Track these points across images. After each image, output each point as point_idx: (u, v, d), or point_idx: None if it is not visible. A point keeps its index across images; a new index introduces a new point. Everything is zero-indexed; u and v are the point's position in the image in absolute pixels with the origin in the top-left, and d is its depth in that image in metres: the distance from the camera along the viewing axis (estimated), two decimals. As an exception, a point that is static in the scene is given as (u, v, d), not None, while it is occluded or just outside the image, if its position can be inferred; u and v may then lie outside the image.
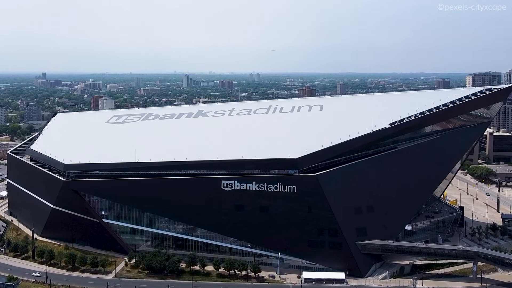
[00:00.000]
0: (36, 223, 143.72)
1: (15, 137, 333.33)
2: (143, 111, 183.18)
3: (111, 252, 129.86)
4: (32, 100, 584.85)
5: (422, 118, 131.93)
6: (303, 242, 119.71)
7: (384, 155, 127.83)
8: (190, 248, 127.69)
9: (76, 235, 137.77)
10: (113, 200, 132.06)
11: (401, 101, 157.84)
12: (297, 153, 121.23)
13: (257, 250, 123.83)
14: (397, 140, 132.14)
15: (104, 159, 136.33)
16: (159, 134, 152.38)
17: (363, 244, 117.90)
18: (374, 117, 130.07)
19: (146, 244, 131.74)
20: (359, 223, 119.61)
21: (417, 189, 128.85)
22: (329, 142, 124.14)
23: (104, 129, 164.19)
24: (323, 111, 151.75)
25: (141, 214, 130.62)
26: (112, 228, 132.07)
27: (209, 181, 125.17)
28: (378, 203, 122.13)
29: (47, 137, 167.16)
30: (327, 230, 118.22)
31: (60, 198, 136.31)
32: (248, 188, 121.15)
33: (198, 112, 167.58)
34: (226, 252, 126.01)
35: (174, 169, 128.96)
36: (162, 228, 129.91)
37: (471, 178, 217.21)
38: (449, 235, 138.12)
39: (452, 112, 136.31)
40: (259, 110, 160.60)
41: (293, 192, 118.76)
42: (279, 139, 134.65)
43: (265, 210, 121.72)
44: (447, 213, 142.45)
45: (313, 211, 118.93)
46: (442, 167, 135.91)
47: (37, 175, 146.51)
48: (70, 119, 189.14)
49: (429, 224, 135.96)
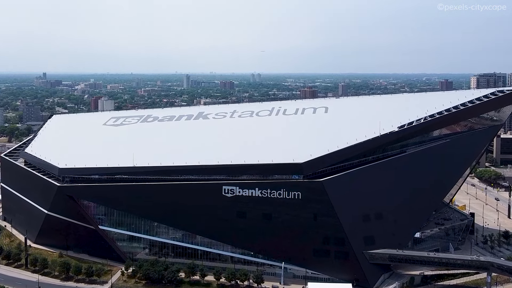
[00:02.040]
0: (30, 229, 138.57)
1: (13, 138, 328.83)
2: (141, 113, 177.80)
3: (107, 260, 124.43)
4: (32, 100, 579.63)
5: (432, 121, 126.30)
6: (308, 251, 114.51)
7: (393, 159, 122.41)
8: (189, 256, 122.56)
9: (71, 242, 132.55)
10: (110, 206, 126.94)
11: (408, 103, 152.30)
12: (302, 158, 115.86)
13: (259, 259, 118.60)
14: (405, 144, 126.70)
15: (100, 163, 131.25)
16: (158, 137, 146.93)
17: (371, 254, 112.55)
18: (382, 120, 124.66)
19: (144, 252, 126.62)
20: (367, 231, 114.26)
21: (428, 195, 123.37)
22: (335, 146, 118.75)
23: (101, 132, 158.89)
24: (328, 114, 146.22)
25: (139, 220, 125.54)
26: (109, 235, 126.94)
27: (209, 186, 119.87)
28: (387, 210, 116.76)
29: (42, 139, 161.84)
30: (333, 239, 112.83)
31: (54, 203, 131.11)
32: (250, 194, 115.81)
33: (199, 114, 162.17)
34: (227, 261, 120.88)
35: (173, 174, 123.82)
36: (160, 236, 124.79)
37: (478, 182, 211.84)
38: (459, 243, 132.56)
39: (464, 114, 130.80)
40: (262, 112, 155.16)
41: (298, 198, 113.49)
42: (282, 142, 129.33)
43: (268, 218, 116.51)
44: (457, 220, 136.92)
45: (319, 218, 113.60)
46: (453, 171, 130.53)
47: (31, 180, 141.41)
48: (67, 121, 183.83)
49: (439, 231, 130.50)
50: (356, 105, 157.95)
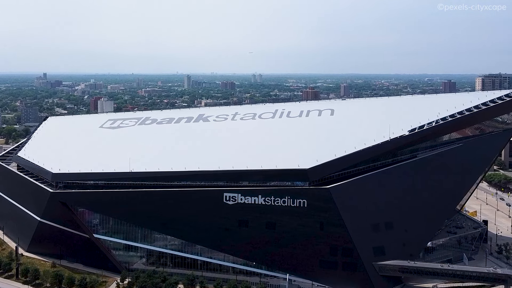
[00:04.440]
0: (22, 237, 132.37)
1: (10, 139, 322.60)
2: (139, 115, 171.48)
3: (102, 271, 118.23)
4: (31, 101, 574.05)
5: (445, 124, 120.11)
6: (314, 262, 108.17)
7: (404, 165, 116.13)
8: (189, 266, 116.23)
9: (65, 251, 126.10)
10: (105, 214, 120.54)
11: (417, 105, 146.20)
12: (308, 163, 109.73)
13: (263, 270, 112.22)
14: (416, 148, 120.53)
15: (95, 168, 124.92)
16: (156, 141, 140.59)
17: (381, 265, 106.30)
18: (391, 123, 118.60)
19: (141, 261, 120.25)
20: (377, 241, 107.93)
21: (440, 203, 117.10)
22: (342, 151, 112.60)
23: (97, 135, 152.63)
24: (334, 116, 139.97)
25: (135, 229, 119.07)
26: (104, 244, 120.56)
27: (210, 193, 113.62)
28: (398, 218, 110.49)
29: (36, 142, 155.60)
30: (341, 249, 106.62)
31: (47, 210, 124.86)
32: (253, 202, 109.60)
33: (199, 116, 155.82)
34: (229, 272, 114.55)
35: (171, 180, 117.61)
36: (158, 245, 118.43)
37: (487, 186, 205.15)
38: (473, 252, 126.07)
39: (478, 117, 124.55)
40: (265, 115, 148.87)
41: (303, 206, 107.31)
42: (287, 147, 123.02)
43: (272, 227, 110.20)
44: (470, 228, 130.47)
45: (325, 227, 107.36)
46: (467, 177, 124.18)
47: (24, 185, 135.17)
48: (62, 123, 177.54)
49: (451, 240, 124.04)
50: (363, 108, 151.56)
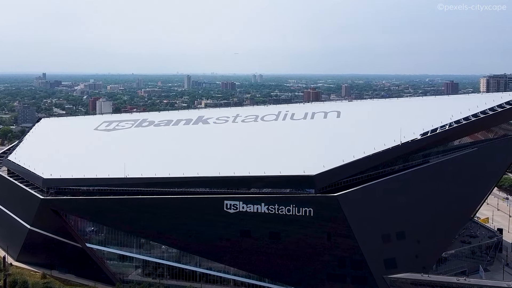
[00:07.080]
0: (12, 246, 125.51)
1: (5, 141, 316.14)
2: (136, 116, 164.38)
3: (95, 282, 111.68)
4: (29, 101, 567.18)
5: (459, 128, 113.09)
6: (321, 275, 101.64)
7: (416, 171, 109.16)
8: (187, 278, 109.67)
9: (56, 261, 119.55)
10: (98, 222, 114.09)
11: (426, 107, 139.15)
12: (314, 169, 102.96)
13: (266, 283, 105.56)
14: (428, 153, 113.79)
15: (89, 173, 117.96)
16: (153, 144, 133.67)
17: (392, 278, 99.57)
18: (401, 126, 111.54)
19: (136, 272, 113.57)
20: (388, 253, 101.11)
21: (455, 211, 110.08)
22: (351, 156, 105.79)
23: (92, 137, 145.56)
24: (341, 119, 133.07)
25: (131, 238, 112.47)
26: (97, 254, 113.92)
27: (210, 201, 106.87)
28: (410, 228, 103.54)
29: (28, 145, 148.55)
30: (350, 262, 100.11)
31: (37, 218, 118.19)
32: (255, 210, 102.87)
33: (198, 118, 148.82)
34: (230, 284, 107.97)
35: (169, 187, 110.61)
36: (154, 255, 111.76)
37: (497, 190, 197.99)
38: (488, 263, 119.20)
39: (494, 120, 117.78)
40: (267, 117, 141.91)
41: (309, 215, 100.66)
42: (291, 151, 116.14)
43: (275, 237, 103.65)
44: (485, 237, 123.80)
45: (333, 238, 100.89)
46: (483, 183, 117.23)
47: (13, 191, 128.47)
48: (56, 125, 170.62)
49: (465, 250, 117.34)
50: (371, 109, 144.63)
